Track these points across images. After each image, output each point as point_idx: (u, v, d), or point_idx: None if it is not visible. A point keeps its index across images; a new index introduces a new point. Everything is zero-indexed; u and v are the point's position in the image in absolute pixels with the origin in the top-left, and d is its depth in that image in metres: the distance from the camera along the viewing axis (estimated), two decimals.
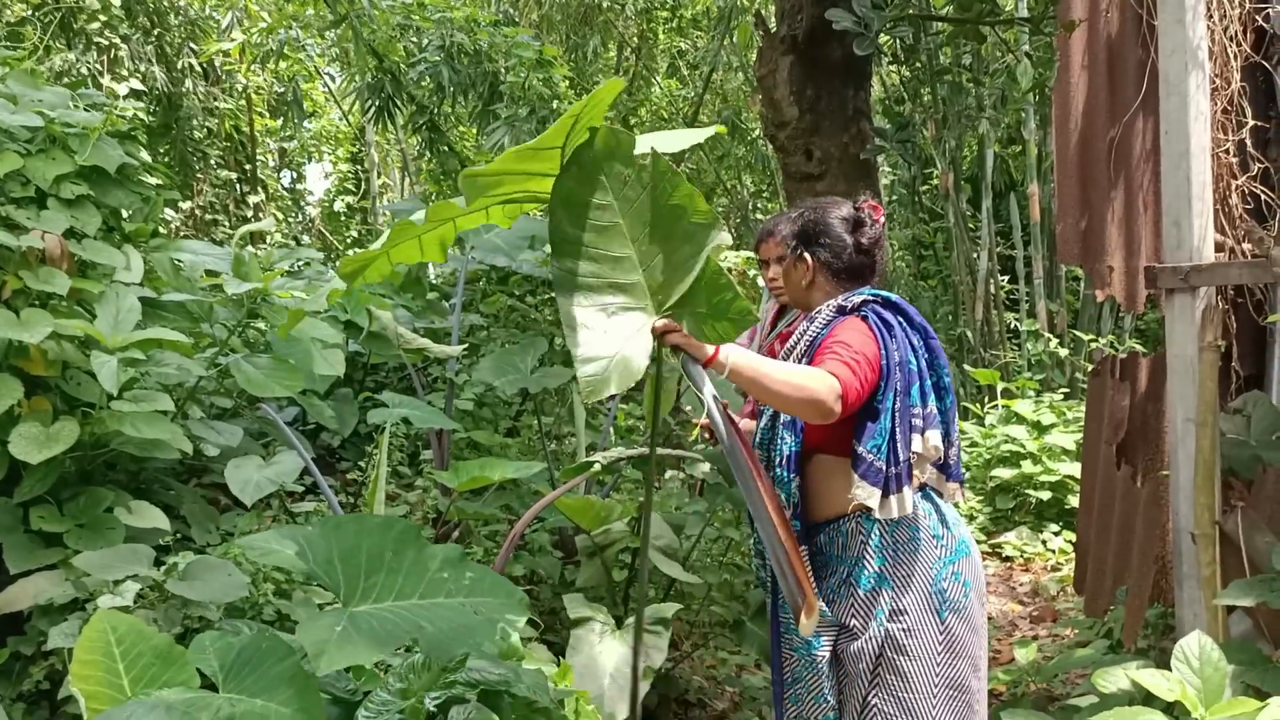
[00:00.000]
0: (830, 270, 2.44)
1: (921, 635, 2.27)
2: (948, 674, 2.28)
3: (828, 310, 2.40)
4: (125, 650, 2.49)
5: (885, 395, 2.26)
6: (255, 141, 11.05)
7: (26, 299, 3.14)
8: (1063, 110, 3.03)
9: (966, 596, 2.34)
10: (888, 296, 2.39)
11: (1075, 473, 6.40)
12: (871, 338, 2.29)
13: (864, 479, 2.22)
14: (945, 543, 2.34)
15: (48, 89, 3.49)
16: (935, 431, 2.29)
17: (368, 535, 2.50)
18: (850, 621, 2.29)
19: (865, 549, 2.29)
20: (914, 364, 2.31)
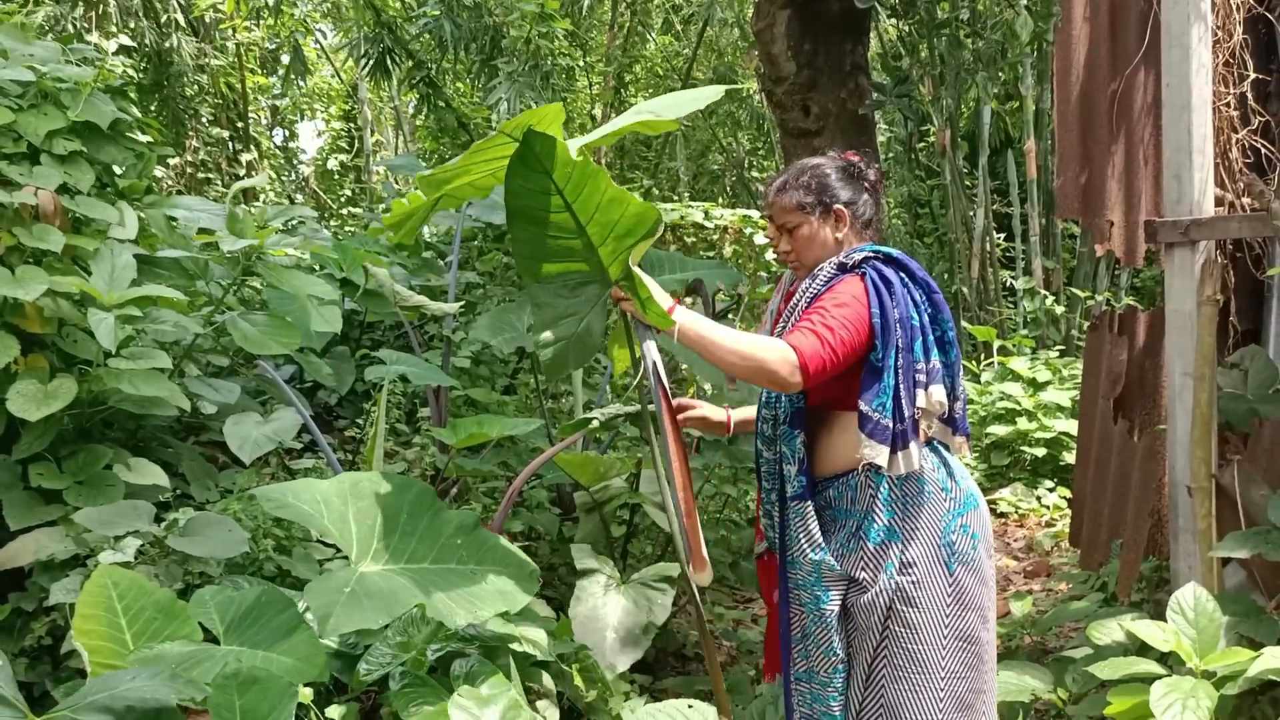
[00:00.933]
0: (857, 217, 2.44)
1: (930, 587, 2.28)
2: (956, 625, 2.30)
3: (829, 267, 2.38)
4: (127, 605, 2.51)
5: (887, 353, 2.25)
6: (247, 99, 10.95)
7: (21, 256, 3.12)
8: (1064, 63, 3.00)
9: (975, 549, 2.35)
10: (889, 252, 2.38)
11: (1070, 429, 6.43)
12: (864, 299, 2.28)
13: (871, 437, 2.22)
14: (953, 495, 2.35)
15: (38, 43, 3.45)
16: (939, 386, 2.29)
17: (384, 494, 2.50)
18: (860, 575, 2.31)
19: (874, 503, 2.30)
20: (916, 319, 2.30)
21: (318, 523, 2.44)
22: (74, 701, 2.11)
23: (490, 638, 2.72)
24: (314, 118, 14.35)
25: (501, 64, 6.62)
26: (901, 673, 2.29)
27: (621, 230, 2.35)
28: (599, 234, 2.38)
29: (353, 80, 13.33)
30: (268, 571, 3.14)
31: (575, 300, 2.56)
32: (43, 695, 2.92)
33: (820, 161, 2.49)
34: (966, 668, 2.32)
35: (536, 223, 2.41)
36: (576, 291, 2.54)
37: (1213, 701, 2.30)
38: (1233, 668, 2.38)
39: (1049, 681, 2.92)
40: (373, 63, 7.46)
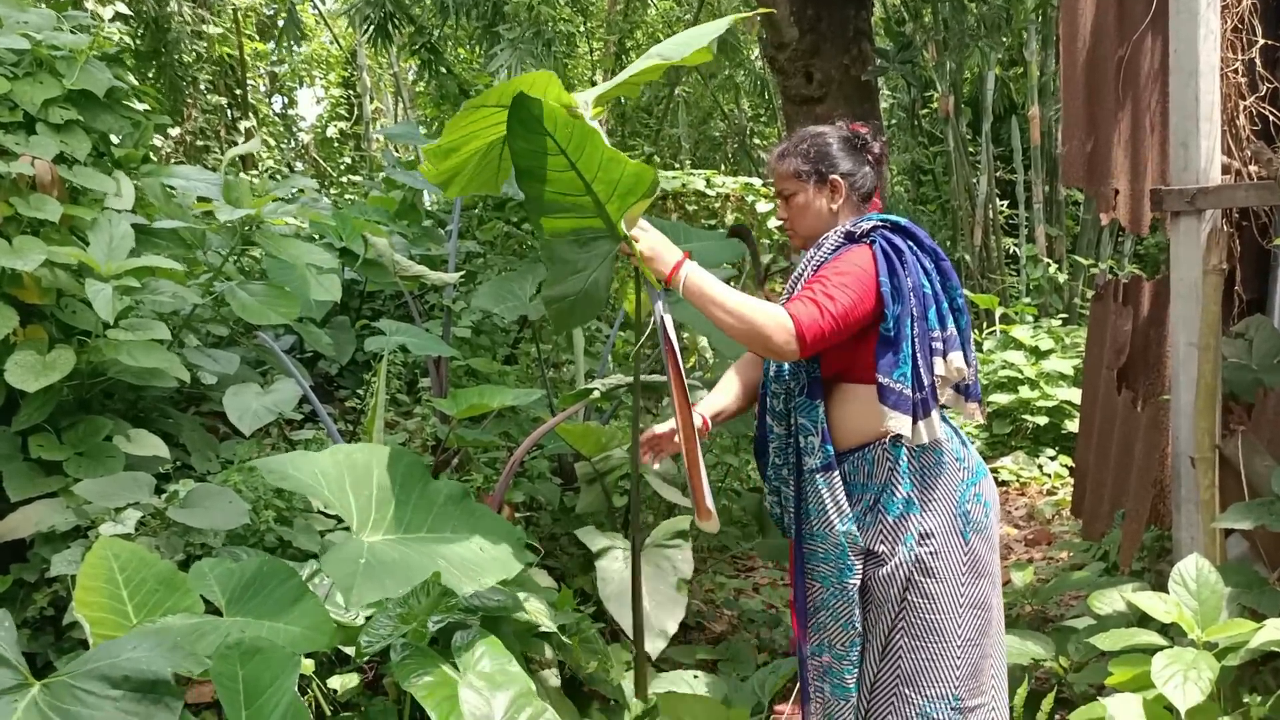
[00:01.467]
0: (855, 189, 2.41)
1: (948, 557, 2.29)
2: (971, 593, 2.31)
3: (835, 236, 2.36)
4: (128, 577, 2.51)
5: (901, 322, 2.23)
6: (245, 66, 10.86)
7: (18, 226, 3.10)
8: (1070, 29, 2.96)
9: (987, 516, 2.36)
10: (896, 221, 2.36)
11: (1073, 398, 6.42)
12: (870, 268, 2.26)
13: (895, 409, 2.21)
14: (967, 464, 2.35)
15: (33, 10, 3.41)
16: (957, 353, 2.28)
17: (377, 465, 2.50)
18: (879, 547, 2.30)
19: (893, 475, 2.29)
20: (928, 287, 2.29)
21: (319, 493, 2.43)
22: (74, 668, 2.11)
23: (493, 608, 2.72)
24: (313, 85, 14.25)
25: (504, 30, 6.56)
26: (919, 642, 2.30)
27: (624, 188, 2.37)
28: (605, 191, 2.40)
29: (351, 47, 13.22)
30: (269, 543, 3.14)
31: (587, 254, 2.60)
32: (45, 665, 2.92)
33: (824, 130, 2.46)
34: (979, 634, 2.34)
35: (545, 181, 2.43)
36: (589, 247, 2.58)
37: (1214, 673, 2.30)
38: (1234, 639, 2.38)
39: (1050, 650, 2.92)
40: (374, 28, 7.39)
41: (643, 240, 2.33)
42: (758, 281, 5.05)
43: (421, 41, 7.45)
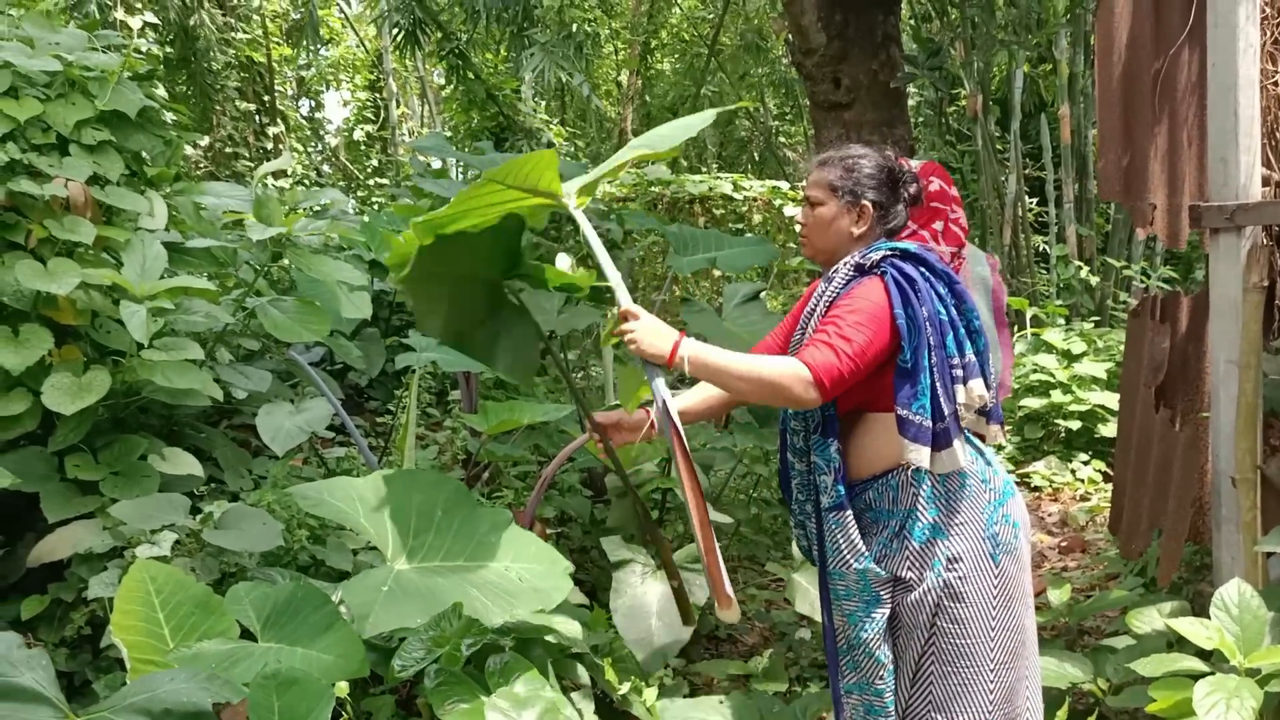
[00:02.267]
0: (883, 221, 2.39)
1: (977, 581, 2.26)
2: (1003, 617, 2.28)
3: (845, 269, 2.33)
4: (165, 600, 2.52)
5: (918, 353, 2.21)
6: (273, 71, 10.92)
7: (52, 248, 3.12)
8: (1106, 41, 2.92)
9: (1017, 538, 2.33)
10: (906, 248, 2.32)
11: (1106, 402, 6.35)
12: (884, 301, 2.24)
13: (915, 441, 2.19)
14: (993, 486, 2.33)
15: (65, 31, 3.44)
16: (978, 380, 2.25)
17: (419, 492, 2.50)
18: (906, 574, 2.28)
19: (917, 501, 2.27)
20: (944, 314, 2.26)
21: (353, 520, 2.44)
22: (113, 703, 2.13)
23: (525, 630, 2.72)
24: (339, 88, 14.31)
25: (535, 34, 6.57)
26: (950, 668, 2.28)
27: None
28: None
29: (377, 50, 13.27)
30: (302, 561, 3.15)
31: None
32: (83, 684, 2.96)
33: (872, 153, 2.43)
34: (1013, 656, 2.31)
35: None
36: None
37: (1257, 701, 2.26)
38: (1278, 665, 2.35)
39: (1089, 671, 2.89)
40: (403, 35, 7.42)
41: (636, 332, 2.28)
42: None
43: (450, 47, 7.48)
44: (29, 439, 3.15)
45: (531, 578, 2.62)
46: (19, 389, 3.06)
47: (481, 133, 7.94)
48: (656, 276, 6.98)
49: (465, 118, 8.31)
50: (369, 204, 10.76)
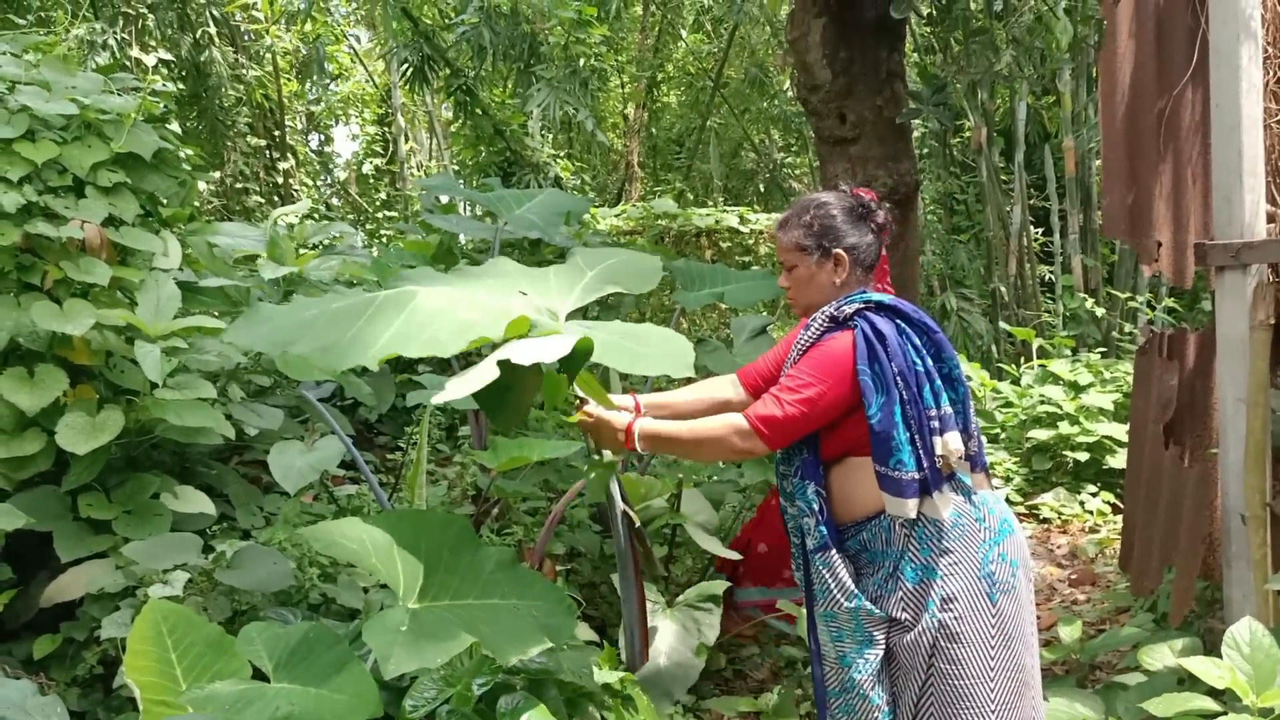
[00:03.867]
0: (859, 262, 2.42)
1: (974, 621, 2.26)
2: (1002, 657, 2.28)
3: (820, 319, 2.37)
4: (177, 640, 2.53)
5: (890, 409, 2.23)
6: (283, 107, 11.03)
7: (68, 289, 3.16)
8: (1109, 81, 2.96)
9: (1014, 576, 2.33)
10: (880, 300, 2.34)
11: (1114, 433, 6.34)
12: (847, 355, 2.27)
13: (898, 495, 2.22)
14: (989, 525, 2.33)
15: (81, 74, 3.48)
16: (954, 433, 2.26)
17: (426, 532, 2.52)
18: (901, 614, 2.28)
19: (909, 541, 2.28)
20: (920, 365, 2.28)
21: (365, 561, 2.45)
22: None
23: (536, 670, 2.72)
24: (348, 122, 14.43)
25: (540, 71, 6.65)
26: (949, 709, 2.27)
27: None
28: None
29: (386, 85, 13.39)
30: (313, 599, 3.16)
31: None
32: None
33: (827, 200, 2.45)
34: (1015, 696, 2.30)
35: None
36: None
37: None
38: None
39: (1100, 710, 2.88)
40: (411, 71, 7.51)
41: (593, 433, 2.47)
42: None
43: (457, 84, 7.55)
44: (42, 478, 3.17)
45: (539, 614, 2.63)
46: (33, 429, 3.09)
47: (489, 167, 8.01)
48: (664, 308, 7.01)
49: (473, 152, 8.39)
50: (378, 237, 10.83)
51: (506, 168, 8.08)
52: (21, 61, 3.50)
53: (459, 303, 2.42)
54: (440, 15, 7.64)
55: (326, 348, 2.29)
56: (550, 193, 4.39)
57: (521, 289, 2.63)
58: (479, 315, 2.36)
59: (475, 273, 2.78)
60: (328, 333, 2.32)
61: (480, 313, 2.37)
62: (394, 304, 2.40)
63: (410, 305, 2.38)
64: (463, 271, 2.81)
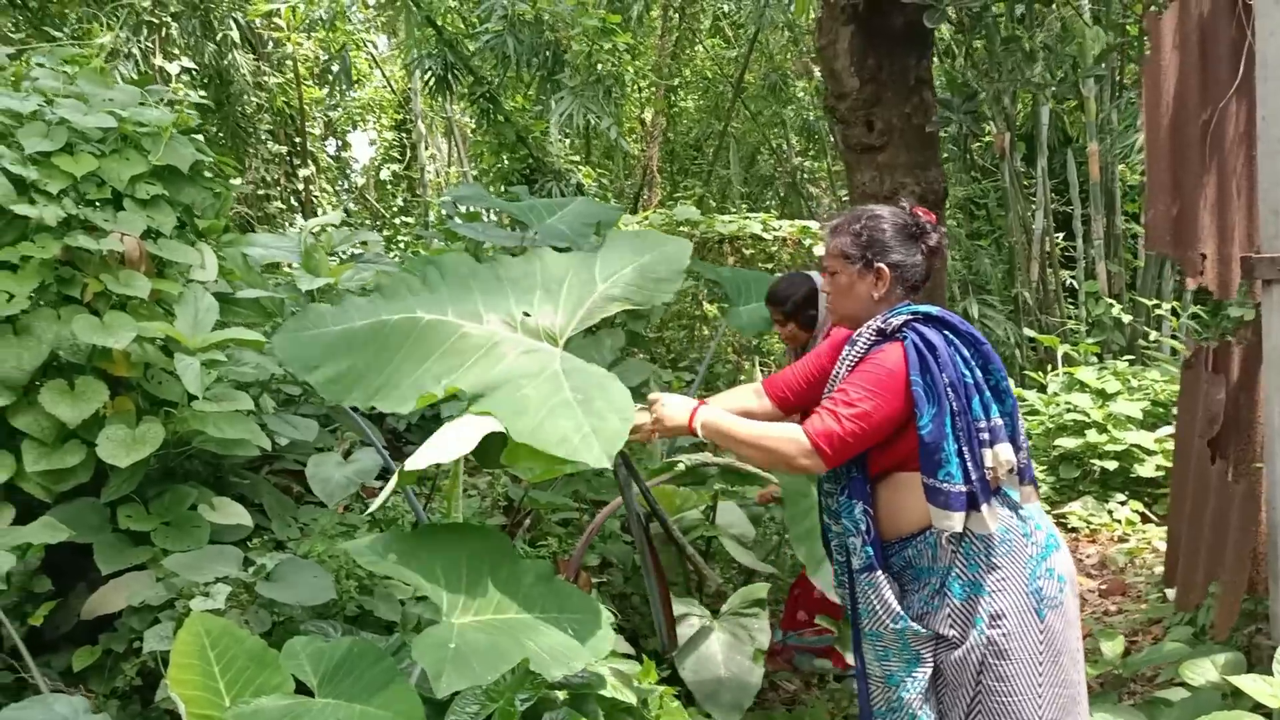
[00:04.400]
0: (903, 280, 2.39)
1: (1022, 638, 2.24)
2: (1050, 673, 2.26)
3: (868, 333, 2.34)
4: (220, 654, 2.52)
5: (941, 421, 2.21)
6: (304, 114, 11.06)
7: (108, 301, 3.16)
8: (1154, 93, 2.94)
9: (1062, 591, 2.31)
10: (928, 311, 2.32)
11: (1143, 441, 6.31)
12: (900, 368, 2.25)
13: (945, 509, 2.20)
14: (1035, 540, 2.31)
15: (118, 88, 3.49)
16: (1004, 445, 2.24)
17: (468, 545, 2.51)
18: (948, 632, 2.27)
19: (956, 558, 2.26)
20: (969, 377, 2.26)
21: (409, 576, 2.44)
22: None
23: (577, 685, 2.72)
24: (366, 128, 14.47)
25: (564, 79, 6.66)
26: None
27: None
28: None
29: (404, 91, 13.42)
30: (350, 612, 3.16)
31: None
32: None
33: (882, 213, 2.42)
34: (1063, 712, 2.29)
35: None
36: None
37: None
38: None
39: None
40: (435, 79, 7.52)
41: (662, 410, 2.44)
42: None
43: (481, 91, 7.56)
44: (81, 490, 3.18)
45: (579, 628, 2.62)
46: (73, 441, 3.09)
47: (511, 174, 8.02)
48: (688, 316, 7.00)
49: (495, 159, 8.39)
50: (395, 243, 10.85)
51: (528, 174, 8.08)
52: (59, 75, 3.51)
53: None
54: (464, 24, 7.66)
55: (336, 384, 2.50)
56: (581, 201, 4.38)
57: (527, 309, 2.66)
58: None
59: (494, 275, 2.80)
60: (341, 362, 2.54)
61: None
62: (400, 335, 2.58)
63: (410, 340, 2.56)
64: (482, 276, 2.81)
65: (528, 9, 6.49)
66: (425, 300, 2.68)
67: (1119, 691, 3.50)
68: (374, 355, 2.53)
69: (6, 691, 2.94)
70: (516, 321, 2.64)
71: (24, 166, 3.07)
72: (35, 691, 2.78)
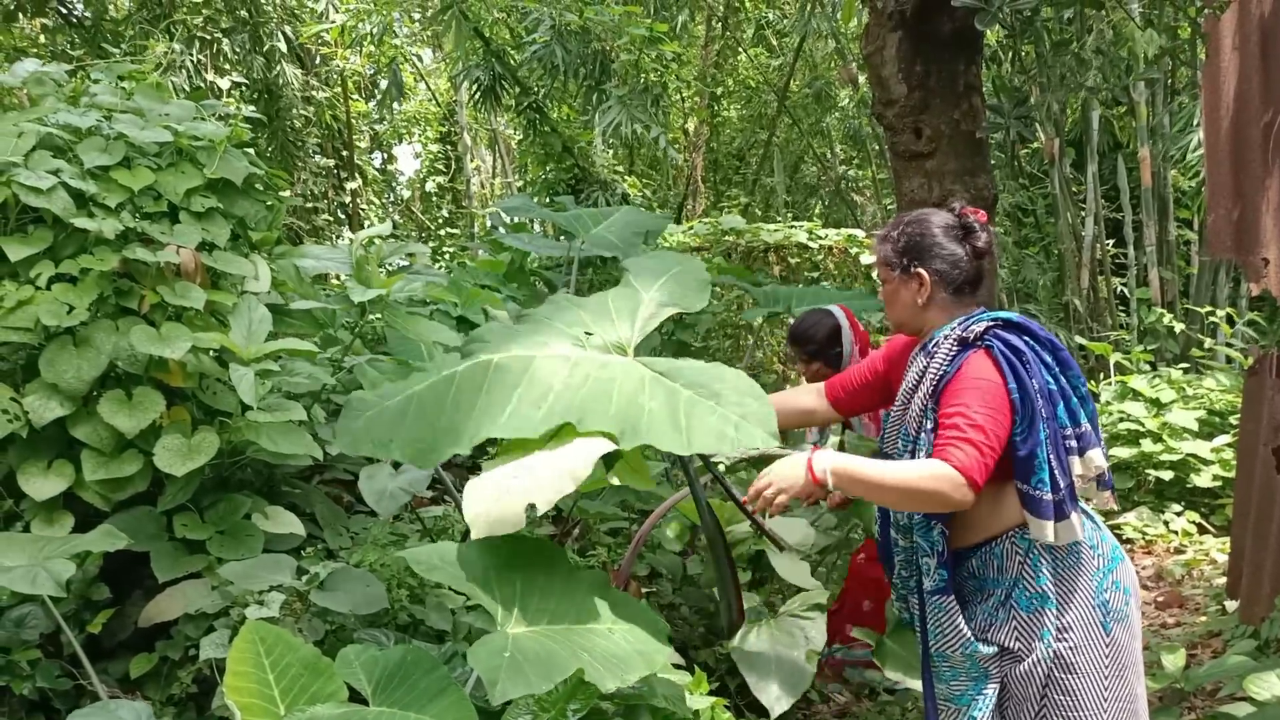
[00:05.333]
0: (947, 284, 2.32)
1: (1089, 651, 2.21)
2: (1116, 687, 2.22)
3: (947, 344, 2.26)
4: (274, 661, 2.54)
5: (1033, 426, 2.17)
6: (351, 127, 11.19)
7: (164, 312, 3.21)
8: (1213, 95, 2.88)
9: (1127, 604, 2.27)
10: (1008, 318, 2.27)
11: (1199, 451, 6.19)
12: (999, 379, 2.18)
13: (1038, 516, 2.15)
14: (1102, 552, 2.27)
15: (173, 102, 3.55)
16: (1096, 450, 2.20)
17: (522, 555, 2.51)
18: (1014, 644, 2.23)
19: (1024, 569, 2.23)
20: (1053, 384, 2.21)
21: (464, 585, 2.45)
22: None
23: (629, 696, 2.70)
24: (411, 141, 14.61)
25: (612, 88, 6.68)
26: None
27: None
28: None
29: (448, 103, 13.53)
30: (401, 620, 3.17)
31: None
32: None
33: (924, 217, 2.37)
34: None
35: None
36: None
37: None
38: None
39: None
40: (482, 91, 7.59)
41: (774, 483, 2.28)
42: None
43: (528, 102, 7.61)
44: (138, 499, 3.22)
45: (634, 640, 2.61)
46: (130, 450, 3.14)
47: (557, 184, 8.06)
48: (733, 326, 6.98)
49: (540, 170, 8.44)
50: (440, 254, 10.94)
51: (574, 184, 8.12)
52: (116, 90, 3.57)
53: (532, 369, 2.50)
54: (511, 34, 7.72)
55: (422, 446, 2.43)
56: (627, 211, 4.38)
57: (586, 329, 2.64)
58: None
59: (539, 317, 2.78)
60: (418, 427, 2.45)
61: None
62: (472, 383, 2.49)
63: (487, 381, 2.47)
64: (530, 319, 2.80)
65: (575, 19, 6.52)
66: (485, 347, 2.63)
67: (1180, 706, 3.43)
68: (453, 407, 2.45)
69: (66, 698, 2.98)
70: (583, 341, 2.61)
71: (83, 181, 3.12)
72: (94, 698, 2.82)
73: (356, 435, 2.47)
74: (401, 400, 2.52)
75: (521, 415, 2.38)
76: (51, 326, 3.00)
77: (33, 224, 3.16)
